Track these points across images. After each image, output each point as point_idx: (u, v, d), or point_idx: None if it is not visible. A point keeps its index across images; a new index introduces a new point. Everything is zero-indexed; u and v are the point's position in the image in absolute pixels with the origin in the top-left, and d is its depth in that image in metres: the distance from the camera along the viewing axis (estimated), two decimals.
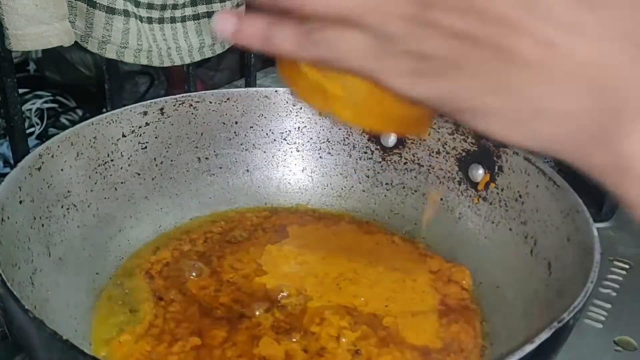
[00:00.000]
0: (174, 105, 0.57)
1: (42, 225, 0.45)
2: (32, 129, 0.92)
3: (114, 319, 0.46)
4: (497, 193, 0.53)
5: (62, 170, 0.48)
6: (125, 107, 0.53)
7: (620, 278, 0.58)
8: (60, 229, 0.47)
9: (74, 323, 0.44)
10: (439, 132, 0.57)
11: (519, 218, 0.51)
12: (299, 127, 0.62)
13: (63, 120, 0.96)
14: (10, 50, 0.52)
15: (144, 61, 0.59)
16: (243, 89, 0.60)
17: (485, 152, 0.54)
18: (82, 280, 0.48)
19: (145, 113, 0.55)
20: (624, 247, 0.62)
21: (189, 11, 0.62)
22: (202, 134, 0.59)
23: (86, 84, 0.97)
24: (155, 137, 0.56)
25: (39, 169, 0.45)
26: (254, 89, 0.61)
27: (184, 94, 0.57)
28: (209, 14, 0.64)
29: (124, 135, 0.54)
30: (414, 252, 0.56)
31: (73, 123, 0.94)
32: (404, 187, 0.61)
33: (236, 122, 0.61)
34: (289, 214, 0.61)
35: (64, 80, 0.98)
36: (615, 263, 0.60)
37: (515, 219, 0.51)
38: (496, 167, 0.54)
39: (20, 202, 0.43)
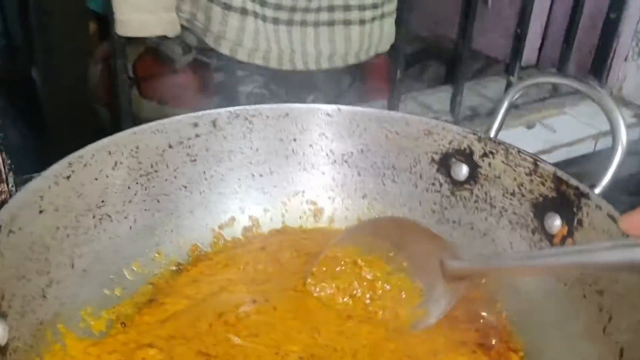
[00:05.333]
0: (227, 118, 0.54)
1: (68, 235, 0.44)
2: None
3: None
4: None
5: (96, 179, 0.47)
6: (174, 118, 0.51)
7: None
8: (88, 239, 0.46)
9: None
10: (515, 170, 0.50)
11: (595, 285, 0.42)
12: (362, 150, 0.57)
13: None
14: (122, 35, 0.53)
15: (258, 61, 0.57)
16: (304, 105, 0.56)
17: (564, 200, 0.46)
18: (104, 294, 0.47)
19: (195, 125, 0.53)
20: None
21: (323, 16, 0.59)
22: (257, 150, 0.56)
23: None
24: (206, 150, 0.54)
25: (68, 177, 0.44)
26: (316, 105, 0.56)
27: (239, 107, 0.55)
28: (346, 22, 0.60)
29: (170, 146, 0.52)
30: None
31: None
32: (472, 228, 0.54)
33: (294, 140, 0.57)
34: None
35: None
36: None
37: (591, 285, 0.43)
38: (575, 220, 0.45)
39: (41, 211, 0.42)
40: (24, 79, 0.80)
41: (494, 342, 0.46)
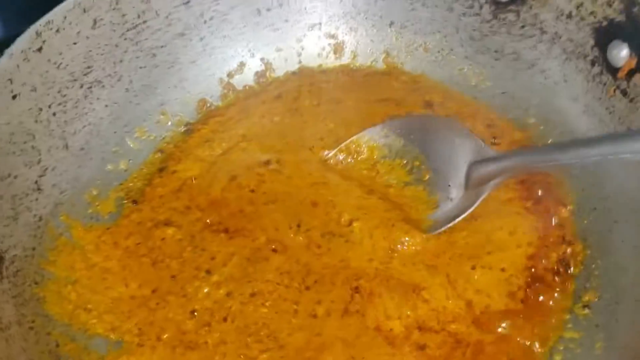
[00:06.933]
0: None
1: (54, 114, 0.39)
2: None
3: None
4: None
5: (74, 44, 0.40)
6: None
7: None
8: (80, 113, 0.41)
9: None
10: None
11: None
12: None
13: None
14: None
15: None
16: None
17: (636, 25, 0.38)
18: (108, 171, 0.43)
19: None
20: None
21: None
22: None
23: None
24: None
25: (40, 49, 0.38)
26: None
27: None
28: None
29: None
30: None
31: None
32: (517, 59, 0.46)
33: None
34: (366, 76, 0.50)
35: None
36: None
37: None
38: None
39: (14, 96, 0.36)
40: None
41: (540, 193, 0.41)
